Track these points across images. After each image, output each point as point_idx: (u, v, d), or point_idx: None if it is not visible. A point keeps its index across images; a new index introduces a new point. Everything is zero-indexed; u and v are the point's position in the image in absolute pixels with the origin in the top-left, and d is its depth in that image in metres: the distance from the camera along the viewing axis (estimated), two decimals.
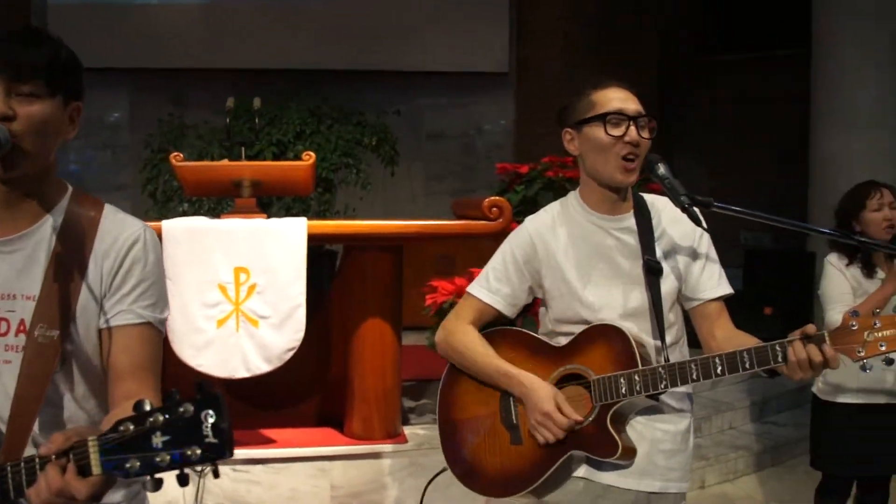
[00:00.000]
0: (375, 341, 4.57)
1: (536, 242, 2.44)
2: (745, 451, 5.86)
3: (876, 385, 3.85)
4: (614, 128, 2.29)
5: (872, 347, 2.04)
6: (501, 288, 2.48)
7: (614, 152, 2.30)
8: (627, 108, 2.31)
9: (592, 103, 2.34)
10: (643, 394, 2.23)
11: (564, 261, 2.40)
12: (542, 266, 2.43)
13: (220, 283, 4.20)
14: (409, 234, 4.48)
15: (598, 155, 2.33)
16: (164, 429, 1.27)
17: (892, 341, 2.02)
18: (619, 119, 2.30)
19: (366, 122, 7.39)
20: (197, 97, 8.68)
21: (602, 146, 2.31)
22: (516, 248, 2.48)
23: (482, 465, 2.44)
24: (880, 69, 8.07)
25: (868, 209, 3.83)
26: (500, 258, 2.51)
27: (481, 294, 2.50)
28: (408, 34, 9.52)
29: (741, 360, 2.13)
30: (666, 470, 2.36)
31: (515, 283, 2.47)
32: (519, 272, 2.46)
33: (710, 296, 2.40)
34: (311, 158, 4.53)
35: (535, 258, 2.44)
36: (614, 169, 2.32)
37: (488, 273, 2.52)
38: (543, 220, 2.49)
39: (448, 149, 9.93)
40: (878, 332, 2.03)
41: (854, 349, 2.05)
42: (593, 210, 2.41)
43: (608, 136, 2.29)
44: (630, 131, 2.29)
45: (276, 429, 4.70)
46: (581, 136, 2.37)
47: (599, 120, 2.31)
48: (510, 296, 2.48)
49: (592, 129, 2.33)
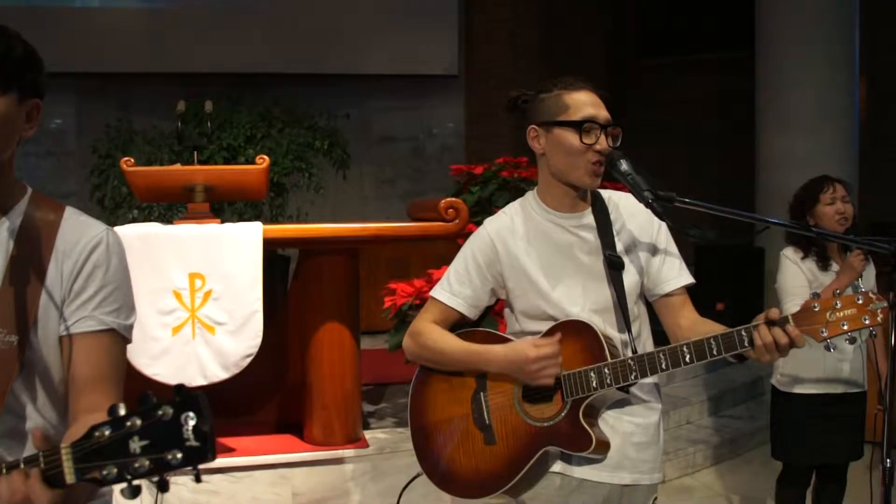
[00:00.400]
0: (334, 345, 4.53)
1: (497, 244, 2.45)
2: (703, 445, 5.93)
3: (833, 375, 3.93)
4: (587, 135, 2.31)
5: (835, 327, 2.09)
6: (463, 290, 2.48)
7: (585, 159, 2.32)
8: (599, 116, 2.33)
9: (565, 106, 2.35)
10: (614, 386, 2.24)
11: (527, 260, 2.41)
12: (505, 268, 2.44)
13: (175, 289, 4.13)
14: (366, 236, 4.44)
15: (567, 158, 2.35)
16: (142, 433, 1.23)
17: (852, 320, 2.08)
18: (591, 126, 2.31)
19: (317, 126, 7.34)
20: (143, 102, 8.57)
21: (573, 151, 2.32)
22: (477, 251, 2.48)
23: (458, 468, 2.44)
24: (822, 69, 8.21)
25: (821, 203, 3.92)
26: (461, 261, 2.52)
27: (443, 297, 2.50)
28: (357, 38, 9.49)
29: (709, 347, 2.16)
30: (638, 462, 2.38)
31: (477, 285, 2.47)
32: (481, 275, 2.46)
33: (672, 287, 2.43)
34: (264, 162, 4.47)
35: (496, 261, 2.45)
36: (583, 174, 2.34)
37: (450, 276, 2.52)
38: (503, 221, 2.50)
39: (399, 152, 9.93)
40: (839, 311, 2.09)
41: (817, 329, 2.10)
42: (552, 209, 2.43)
43: (581, 144, 2.31)
44: (601, 140, 2.31)
45: (234, 437, 4.64)
46: (549, 136, 2.37)
47: (574, 127, 2.32)
48: (472, 297, 2.48)
49: (564, 134, 2.34)
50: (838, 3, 8.35)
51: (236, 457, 4.43)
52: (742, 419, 6.53)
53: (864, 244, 2.44)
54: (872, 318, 2.06)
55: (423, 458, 2.51)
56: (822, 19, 8.25)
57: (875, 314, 2.06)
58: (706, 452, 5.93)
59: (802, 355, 3.98)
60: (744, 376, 7.04)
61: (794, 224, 2.42)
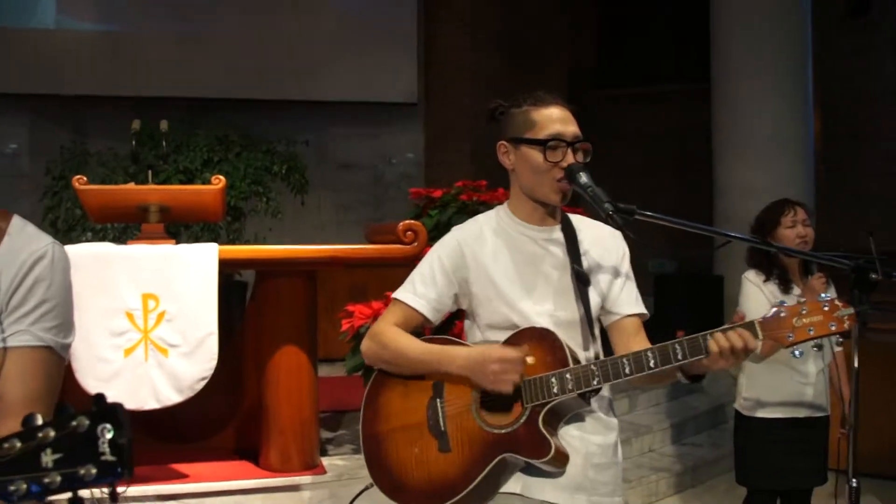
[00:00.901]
0: (291, 370, 4.44)
1: (465, 250, 2.42)
2: (665, 473, 5.89)
3: (796, 399, 3.91)
4: (553, 153, 2.29)
5: (801, 332, 2.09)
6: (427, 292, 2.43)
7: (550, 176, 2.30)
8: (566, 133, 2.31)
9: (532, 122, 2.34)
10: (575, 392, 2.19)
11: (494, 267, 2.38)
12: (471, 273, 2.40)
13: (128, 310, 4.03)
14: (324, 258, 4.38)
15: (534, 175, 2.33)
16: (54, 445, 1.13)
17: (819, 326, 2.08)
18: (557, 144, 2.29)
19: (275, 150, 7.27)
20: (99, 125, 8.44)
21: (539, 169, 2.31)
22: (444, 254, 2.44)
23: (410, 477, 2.36)
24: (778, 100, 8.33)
25: (782, 226, 3.93)
26: (426, 264, 2.47)
27: (407, 298, 2.44)
28: (316, 64, 9.47)
29: (673, 351, 2.13)
30: (598, 484, 2.33)
31: (442, 288, 2.42)
32: (446, 278, 2.42)
33: (629, 311, 2.42)
34: (220, 182, 4.41)
35: (463, 266, 2.41)
36: (549, 191, 2.33)
37: (414, 278, 2.47)
38: (471, 229, 2.48)
39: (357, 179, 9.88)
40: (805, 317, 2.09)
41: (784, 335, 2.10)
42: (522, 220, 2.41)
43: (546, 162, 2.29)
44: (567, 156, 2.29)
45: (188, 463, 4.52)
46: (518, 153, 2.37)
47: (539, 145, 2.31)
48: (436, 300, 2.43)
49: (530, 151, 2.33)
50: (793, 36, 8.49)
51: (189, 483, 4.32)
52: (704, 447, 6.50)
53: (825, 260, 2.44)
54: (839, 324, 2.07)
55: (374, 467, 2.43)
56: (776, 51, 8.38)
57: (842, 321, 2.07)
58: (669, 480, 5.89)
59: (765, 379, 3.97)
60: (706, 404, 7.04)
61: (754, 238, 2.41)
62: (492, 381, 2.22)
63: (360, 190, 9.86)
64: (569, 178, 2.28)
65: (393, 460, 2.39)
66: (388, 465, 2.40)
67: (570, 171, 2.27)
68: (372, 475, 2.44)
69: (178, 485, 4.29)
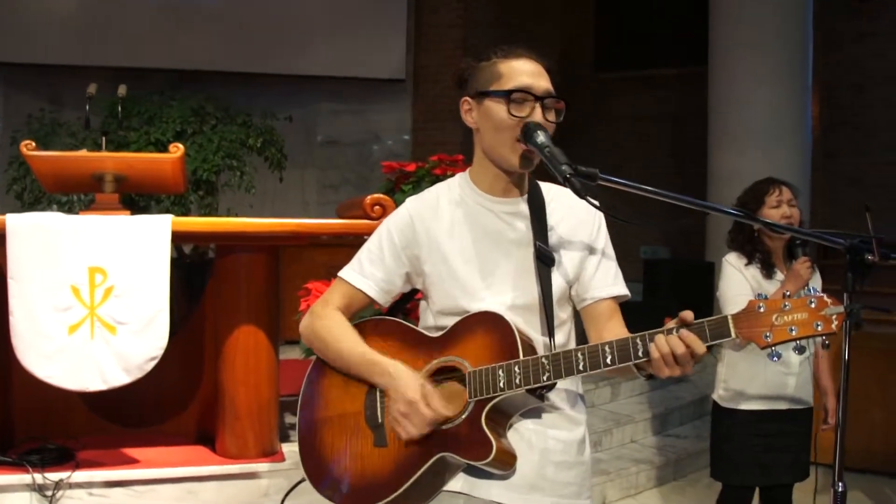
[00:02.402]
0: (249, 351, 4.20)
1: (417, 224, 2.17)
2: (646, 465, 5.69)
3: (778, 391, 3.70)
4: (518, 107, 2.04)
5: (781, 332, 1.78)
6: (375, 272, 2.19)
7: (513, 134, 2.05)
8: (536, 86, 2.06)
9: (498, 74, 2.09)
10: (524, 388, 1.95)
11: (448, 244, 2.14)
12: (422, 250, 2.16)
13: (73, 284, 3.77)
14: (285, 233, 4.12)
15: (496, 134, 2.07)
16: None
17: (803, 326, 1.77)
18: (524, 97, 2.04)
19: (251, 123, 7.01)
20: (75, 95, 8.15)
21: (502, 125, 2.05)
22: (394, 229, 2.19)
23: (343, 472, 2.13)
24: (774, 86, 8.18)
25: (767, 206, 3.74)
26: (375, 240, 2.23)
27: (352, 278, 2.21)
28: (303, 38, 9.25)
29: (633, 346, 1.88)
30: (558, 485, 2.09)
31: (391, 267, 2.18)
32: (395, 256, 2.18)
33: (603, 294, 2.15)
34: (179, 150, 4.16)
35: (414, 242, 2.16)
36: (510, 152, 2.07)
37: (361, 256, 2.24)
38: (426, 199, 2.22)
39: (343, 156, 9.66)
40: (787, 314, 1.78)
41: (761, 334, 1.79)
42: (484, 191, 2.15)
43: (511, 117, 2.04)
44: (535, 113, 2.04)
45: (140, 447, 4.30)
46: (481, 108, 2.11)
47: (503, 96, 2.05)
48: (384, 280, 2.19)
49: (494, 105, 2.07)
50: (792, 20, 8.30)
51: (139, 469, 4.09)
52: (688, 438, 6.30)
53: (816, 237, 2.15)
54: (826, 324, 1.75)
55: (307, 459, 2.20)
56: (775, 35, 8.21)
57: (829, 320, 1.75)
58: (650, 473, 5.70)
59: (746, 369, 3.76)
60: (691, 394, 6.84)
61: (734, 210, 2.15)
62: (393, 417, 2.03)
63: (345, 168, 9.63)
64: (525, 136, 2.02)
65: (327, 453, 2.17)
66: (321, 458, 2.18)
67: (527, 128, 2.01)
68: (305, 467, 2.21)
69: (126, 470, 4.06)
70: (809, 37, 8.50)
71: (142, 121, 6.61)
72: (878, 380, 5.98)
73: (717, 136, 8.62)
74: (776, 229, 3.57)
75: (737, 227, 3.82)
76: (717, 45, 8.64)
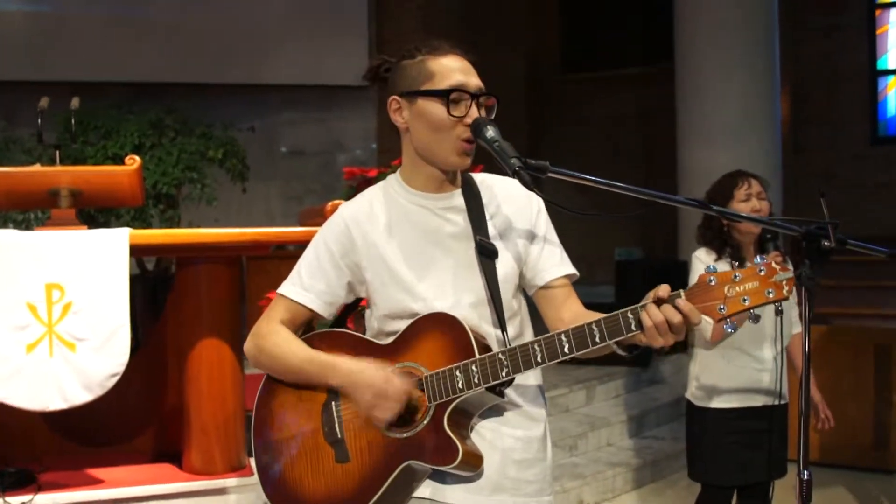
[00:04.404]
0: (213, 363, 4.12)
1: (353, 231, 2.12)
2: (623, 468, 5.65)
3: (752, 386, 3.67)
4: (456, 107, 2.01)
5: (734, 303, 1.79)
6: (315, 284, 2.14)
7: (454, 134, 2.02)
8: (469, 84, 2.04)
9: (430, 73, 2.05)
10: (483, 386, 1.92)
11: (387, 247, 2.09)
12: (362, 258, 2.11)
13: (29, 301, 3.67)
14: (245, 242, 4.04)
15: (433, 134, 2.05)
16: None
17: (755, 294, 1.78)
18: (461, 96, 2.02)
19: (211, 135, 6.91)
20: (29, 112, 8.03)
21: (440, 126, 2.03)
22: (330, 239, 2.14)
23: (306, 491, 2.08)
24: (742, 82, 8.20)
25: (736, 199, 3.70)
26: (312, 252, 2.18)
27: (293, 293, 2.16)
28: (262, 47, 9.20)
29: (590, 333, 1.85)
30: (521, 483, 2.06)
31: (332, 278, 2.13)
32: (335, 266, 2.13)
33: (553, 275, 2.13)
34: (135, 162, 4.06)
35: (352, 250, 2.12)
36: (450, 151, 2.04)
37: (300, 269, 2.18)
38: (360, 205, 2.18)
39: (307, 167, 9.58)
40: (739, 285, 1.80)
41: (715, 307, 1.81)
42: (417, 190, 2.12)
43: (450, 117, 2.01)
44: (472, 111, 2.02)
45: (104, 467, 4.20)
46: (414, 108, 2.07)
47: (441, 96, 2.02)
48: (325, 293, 2.14)
49: (430, 105, 2.04)
50: (756, 14, 8.31)
51: (104, 489, 3.99)
52: (665, 440, 6.27)
53: (773, 225, 2.14)
54: (777, 290, 1.77)
55: (267, 482, 2.14)
56: (740, 30, 8.22)
57: (780, 286, 1.77)
58: (626, 475, 5.67)
59: (719, 366, 3.72)
60: (668, 395, 6.82)
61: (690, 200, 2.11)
62: (364, 410, 1.98)
63: (310, 178, 9.56)
64: (475, 132, 1.99)
65: (287, 473, 2.11)
66: (282, 479, 2.12)
67: (477, 125, 1.99)
68: (265, 490, 2.15)
69: (91, 491, 3.96)
70: (775, 31, 8.52)
71: (99, 135, 6.51)
72: (851, 373, 5.98)
73: (685, 132, 8.63)
74: (734, 219, 3.56)
75: (706, 222, 3.80)
76: (682, 40, 8.65)
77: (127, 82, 8.59)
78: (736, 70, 8.15)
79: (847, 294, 7.17)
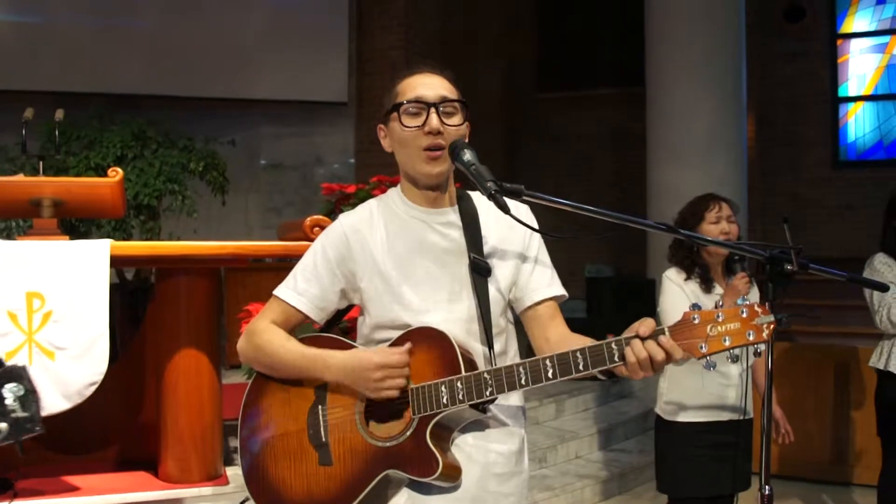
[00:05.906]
0: (191, 373, 4.17)
1: (351, 239, 2.20)
2: (591, 480, 5.76)
3: (718, 402, 3.78)
4: (411, 118, 2.12)
5: (715, 343, 1.86)
6: (309, 289, 2.22)
7: (416, 145, 2.12)
8: (426, 95, 2.12)
9: (396, 94, 2.18)
10: (467, 403, 1.99)
11: (384, 258, 2.17)
12: (358, 266, 2.19)
13: (10, 309, 3.73)
14: (225, 255, 4.12)
15: (402, 149, 2.16)
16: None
17: (736, 335, 1.84)
18: (417, 108, 2.12)
19: (193, 147, 6.98)
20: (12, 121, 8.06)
21: (403, 139, 2.14)
22: (329, 245, 2.23)
23: (288, 492, 2.15)
24: (711, 102, 8.35)
25: (706, 221, 3.81)
26: (310, 257, 2.26)
27: (287, 296, 2.24)
28: (245, 62, 9.26)
29: (574, 361, 1.92)
30: (500, 496, 2.13)
31: (326, 283, 2.21)
32: (330, 272, 2.21)
33: (541, 296, 2.21)
34: (118, 174, 4.13)
35: (349, 257, 2.20)
36: (417, 160, 2.14)
37: (296, 273, 2.26)
38: (360, 215, 2.26)
39: (287, 180, 9.65)
40: (721, 325, 1.86)
41: (696, 345, 1.87)
42: (415, 204, 2.20)
43: (406, 129, 2.11)
44: (430, 120, 2.10)
45: (81, 475, 4.21)
46: (389, 131, 2.19)
47: (395, 110, 2.13)
48: (318, 297, 2.22)
49: (394, 123, 2.16)
50: (726, 40, 8.49)
51: (79, 497, 4.02)
52: (633, 453, 6.38)
53: (740, 249, 2.24)
54: (758, 333, 1.83)
55: (252, 480, 2.21)
56: (709, 55, 8.40)
57: (761, 329, 1.83)
58: (595, 488, 5.76)
59: (687, 382, 3.83)
60: (636, 408, 6.93)
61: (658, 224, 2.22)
62: (373, 389, 2.03)
63: (289, 191, 9.62)
64: (452, 155, 2.09)
65: (272, 474, 2.18)
66: (266, 479, 2.19)
67: (454, 148, 2.09)
68: (249, 489, 2.22)
69: (66, 498, 3.99)
70: (742, 56, 8.69)
71: (81, 145, 6.56)
72: (811, 390, 6.11)
73: (655, 154, 8.78)
74: (702, 243, 3.67)
75: (677, 242, 3.90)
76: (652, 64, 8.82)
77: (110, 93, 8.63)
78: (703, 94, 8.33)
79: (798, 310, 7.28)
